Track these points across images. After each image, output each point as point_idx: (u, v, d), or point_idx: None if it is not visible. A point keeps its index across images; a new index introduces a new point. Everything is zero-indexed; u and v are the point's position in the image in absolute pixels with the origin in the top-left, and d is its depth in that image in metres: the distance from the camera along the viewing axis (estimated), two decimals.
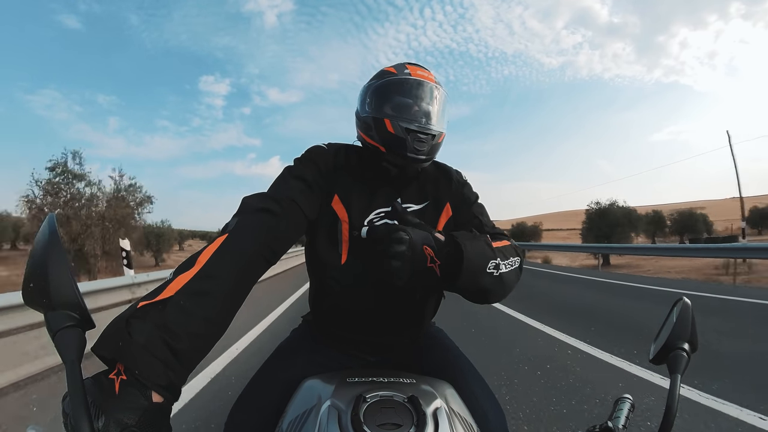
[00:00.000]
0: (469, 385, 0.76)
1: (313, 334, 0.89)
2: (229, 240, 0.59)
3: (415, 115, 0.78)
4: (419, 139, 0.76)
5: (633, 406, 0.59)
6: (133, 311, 0.48)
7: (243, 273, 0.59)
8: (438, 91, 0.82)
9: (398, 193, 0.83)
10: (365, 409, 0.54)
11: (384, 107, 0.80)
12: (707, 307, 4.95)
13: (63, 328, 0.40)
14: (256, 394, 0.75)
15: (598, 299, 6.03)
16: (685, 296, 0.61)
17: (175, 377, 0.46)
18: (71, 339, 0.40)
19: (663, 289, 6.79)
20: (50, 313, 0.41)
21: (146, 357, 0.44)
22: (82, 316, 0.42)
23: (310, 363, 0.79)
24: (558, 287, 7.70)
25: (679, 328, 0.57)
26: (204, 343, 0.51)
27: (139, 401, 0.42)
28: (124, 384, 0.42)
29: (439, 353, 0.86)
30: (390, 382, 0.64)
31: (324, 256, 0.80)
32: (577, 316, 4.61)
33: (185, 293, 0.50)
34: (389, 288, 0.78)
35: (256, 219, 0.66)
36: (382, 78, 0.83)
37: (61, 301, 0.41)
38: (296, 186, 0.74)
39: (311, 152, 0.82)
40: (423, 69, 0.84)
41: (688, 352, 0.55)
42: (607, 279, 8.97)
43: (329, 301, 0.83)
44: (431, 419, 0.54)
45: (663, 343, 0.57)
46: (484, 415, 0.71)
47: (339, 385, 0.63)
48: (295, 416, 0.60)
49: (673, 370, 0.54)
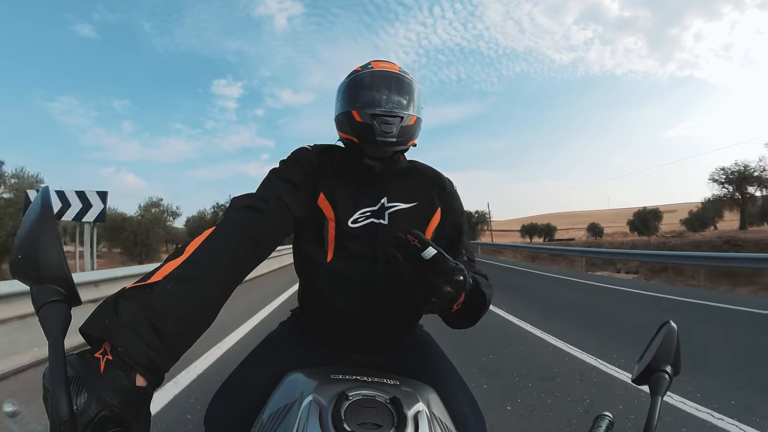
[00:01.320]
0: (452, 390, 0.77)
1: (301, 328, 0.89)
2: (216, 232, 0.61)
3: (379, 101, 0.80)
4: (385, 122, 0.77)
5: (612, 424, 0.60)
6: (121, 292, 0.48)
7: (230, 264, 0.59)
8: (401, 78, 0.84)
9: (384, 191, 0.83)
10: (347, 407, 0.54)
11: (352, 101, 0.83)
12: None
13: (49, 302, 0.40)
14: (240, 384, 0.75)
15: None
16: (671, 320, 0.62)
17: (158, 358, 0.46)
18: (56, 313, 0.40)
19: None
20: (37, 286, 0.40)
21: (130, 335, 0.44)
22: (69, 291, 0.41)
23: (296, 356, 0.79)
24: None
25: (663, 351, 0.57)
26: (189, 328, 0.51)
27: (123, 382, 0.42)
28: (110, 363, 0.42)
29: (423, 356, 0.86)
30: (373, 382, 0.64)
31: (310, 254, 0.81)
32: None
33: (172, 278, 0.51)
34: (375, 288, 0.78)
35: (242, 215, 0.67)
36: (349, 77, 0.86)
37: (49, 275, 0.40)
38: (282, 187, 0.75)
39: (296, 154, 0.83)
40: (388, 63, 0.87)
41: (670, 375, 0.56)
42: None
43: (316, 298, 0.83)
44: (411, 422, 0.54)
45: (646, 364, 0.57)
46: (465, 421, 0.71)
47: (322, 380, 0.63)
48: (277, 409, 0.60)
49: (654, 392, 0.54)
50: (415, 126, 0.82)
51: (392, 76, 0.83)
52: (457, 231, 0.89)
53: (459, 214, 0.90)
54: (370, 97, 0.81)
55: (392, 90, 0.82)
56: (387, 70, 0.84)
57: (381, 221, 0.80)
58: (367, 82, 0.83)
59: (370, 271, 0.79)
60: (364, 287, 0.79)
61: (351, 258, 0.79)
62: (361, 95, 0.82)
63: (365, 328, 0.82)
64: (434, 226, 0.85)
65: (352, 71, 0.87)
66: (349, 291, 0.79)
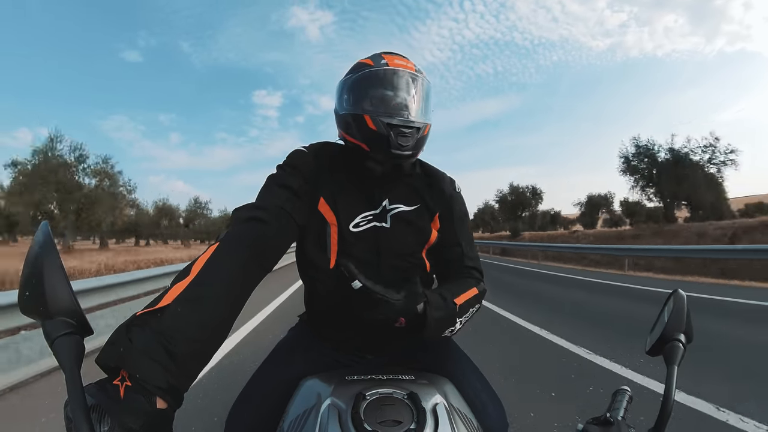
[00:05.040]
0: (468, 379, 0.77)
1: (311, 333, 0.89)
2: (220, 248, 0.59)
3: (396, 108, 0.74)
4: (403, 134, 0.72)
5: (631, 398, 0.60)
6: (132, 320, 0.48)
7: (236, 279, 0.58)
8: (419, 79, 0.77)
9: (386, 193, 0.80)
10: (365, 407, 0.54)
11: (362, 102, 0.76)
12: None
13: (61, 335, 0.40)
14: (256, 395, 0.76)
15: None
16: (679, 288, 0.62)
17: (175, 381, 0.46)
18: (69, 346, 0.40)
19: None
20: (47, 321, 0.41)
21: (146, 360, 0.45)
22: (79, 322, 0.42)
23: (309, 362, 0.79)
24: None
25: (674, 320, 0.57)
26: (202, 348, 0.51)
27: (144, 406, 0.43)
28: (129, 390, 0.43)
29: (436, 349, 0.86)
30: (389, 380, 0.65)
31: (313, 260, 0.79)
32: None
33: (181, 301, 0.51)
34: None
35: (245, 228, 0.66)
36: (358, 71, 0.78)
37: (57, 308, 0.41)
38: (282, 194, 0.72)
39: (292, 157, 0.79)
40: (401, 57, 0.79)
41: (684, 344, 0.55)
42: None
43: (322, 302, 0.83)
44: (431, 415, 0.54)
45: (659, 335, 0.57)
46: (484, 409, 0.72)
47: (338, 383, 0.63)
48: (296, 416, 0.60)
49: (669, 362, 0.54)
50: (428, 134, 0.79)
51: (410, 77, 0.76)
52: (456, 247, 0.86)
53: (461, 215, 0.88)
54: (386, 102, 0.74)
55: (410, 95, 0.75)
56: (404, 69, 0.76)
57: (383, 224, 0.79)
58: (382, 82, 0.75)
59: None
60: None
61: (354, 262, 0.78)
62: (375, 97, 0.75)
63: (373, 329, 0.82)
64: (437, 227, 0.84)
65: (361, 64, 0.79)
66: (353, 295, 0.79)
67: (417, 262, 0.82)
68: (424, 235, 0.82)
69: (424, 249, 0.83)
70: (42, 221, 0.44)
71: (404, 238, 0.80)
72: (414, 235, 0.81)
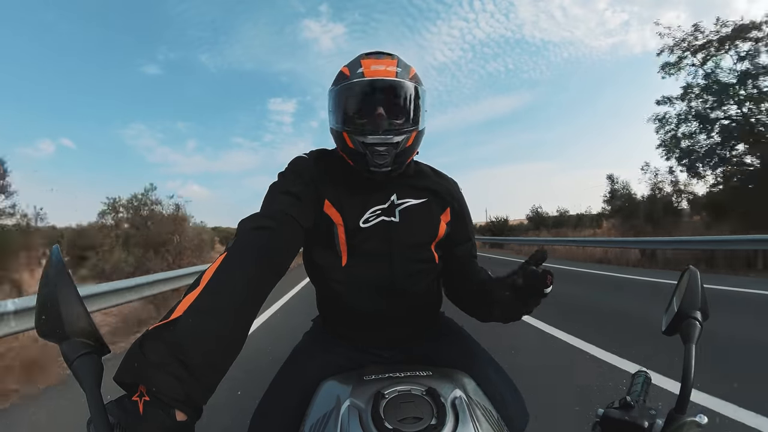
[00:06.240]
0: (486, 372, 0.77)
1: (327, 334, 0.89)
2: (229, 257, 0.59)
3: (371, 127, 0.73)
4: (378, 153, 0.72)
5: (649, 380, 0.60)
6: (145, 334, 0.48)
7: (247, 287, 0.58)
8: (399, 87, 0.74)
9: (393, 189, 0.81)
10: (384, 406, 0.54)
11: (341, 118, 0.77)
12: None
13: (80, 356, 0.41)
14: (276, 400, 0.76)
15: None
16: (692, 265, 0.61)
17: (192, 392, 0.46)
18: (89, 365, 0.41)
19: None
20: (65, 342, 0.41)
21: (162, 374, 0.45)
22: (96, 342, 0.43)
23: (326, 364, 0.80)
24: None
25: (689, 298, 0.56)
26: (217, 358, 0.51)
27: (164, 420, 0.43)
28: (148, 405, 0.43)
29: (452, 343, 0.86)
30: (407, 377, 0.65)
31: (324, 262, 0.80)
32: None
33: (192, 312, 0.51)
34: (393, 285, 0.78)
35: (252, 237, 0.66)
36: (337, 83, 0.78)
37: (74, 329, 0.41)
38: (285, 200, 0.73)
39: (293, 164, 0.81)
40: (382, 60, 0.76)
41: (700, 321, 0.55)
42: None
43: (336, 303, 0.83)
44: (451, 409, 0.54)
45: (674, 313, 0.56)
46: (503, 401, 0.72)
47: (356, 384, 0.63)
48: (317, 419, 0.61)
49: (686, 340, 0.53)
50: (415, 142, 0.78)
51: (387, 86, 0.74)
52: (467, 243, 0.89)
53: (465, 219, 0.90)
54: (361, 118, 0.74)
55: (387, 106, 0.74)
56: (381, 78, 0.73)
57: (392, 219, 0.79)
58: (357, 97, 0.75)
59: (387, 268, 0.78)
60: (382, 285, 0.79)
61: (366, 258, 0.78)
62: (350, 114, 0.76)
63: (389, 325, 0.82)
64: (446, 221, 0.84)
65: (341, 73, 0.79)
66: (368, 291, 0.79)
67: (427, 255, 0.83)
68: (434, 228, 0.83)
69: (433, 242, 0.83)
70: (54, 246, 0.45)
71: (414, 231, 0.81)
72: (424, 227, 0.82)
